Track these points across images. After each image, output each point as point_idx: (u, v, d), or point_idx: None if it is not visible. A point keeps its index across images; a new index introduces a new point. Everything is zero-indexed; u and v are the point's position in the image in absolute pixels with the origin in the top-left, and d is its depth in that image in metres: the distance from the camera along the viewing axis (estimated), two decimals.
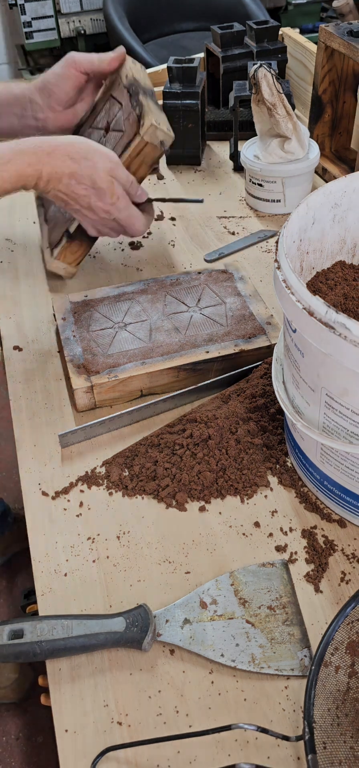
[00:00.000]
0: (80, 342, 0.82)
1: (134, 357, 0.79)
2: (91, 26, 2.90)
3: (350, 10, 2.45)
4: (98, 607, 0.59)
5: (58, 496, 0.69)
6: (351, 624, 0.52)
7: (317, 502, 0.66)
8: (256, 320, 0.84)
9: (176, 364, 0.78)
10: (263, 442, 0.72)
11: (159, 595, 0.59)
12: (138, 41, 2.55)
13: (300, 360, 0.59)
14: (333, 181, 0.69)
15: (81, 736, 0.51)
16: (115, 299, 0.88)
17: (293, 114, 1.05)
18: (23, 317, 0.92)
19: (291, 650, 0.55)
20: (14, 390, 0.81)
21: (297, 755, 0.49)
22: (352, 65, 1.15)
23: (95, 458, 0.72)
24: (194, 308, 0.86)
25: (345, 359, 0.52)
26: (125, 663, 0.55)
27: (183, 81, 1.20)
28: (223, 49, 1.33)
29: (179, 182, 1.22)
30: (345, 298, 0.67)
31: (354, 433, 0.56)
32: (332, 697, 0.49)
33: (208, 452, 0.69)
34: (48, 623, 0.54)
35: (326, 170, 1.18)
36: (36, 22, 2.84)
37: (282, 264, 0.58)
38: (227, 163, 1.27)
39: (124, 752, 0.50)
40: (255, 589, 0.59)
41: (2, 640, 0.54)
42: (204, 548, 0.63)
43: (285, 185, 1.08)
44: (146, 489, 0.68)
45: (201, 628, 0.56)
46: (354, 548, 0.63)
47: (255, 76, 1.02)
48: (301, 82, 1.39)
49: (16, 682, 1.42)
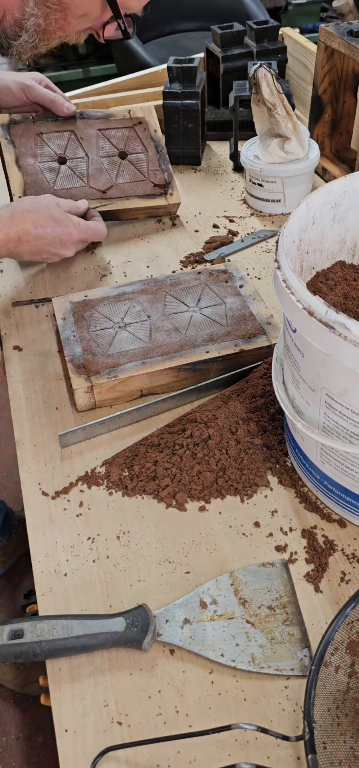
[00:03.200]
0: (80, 342, 0.82)
1: (134, 357, 0.79)
2: None
3: (350, 10, 2.46)
4: (98, 607, 0.59)
5: (58, 496, 0.69)
6: (351, 624, 0.52)
7: (317, 502, 0.66)
8: (256, 320, 0.84)
9: (176, 364, 0.78)
10: (263, 442, 0.72)
11: (159, 595, 0.59)
12: (138, 41, 2.55)
13: (300, 360, 0.59)
14: (333, 181, 0.69)
15: (81, 736, 0.51)
16: (115, 299, 0.88)
17: (293, 114, 1.05)
18: (23, 317, 0.92)
19: (291, 650, 0.55)
20: (14, 390, 0.81)
21: (297, 755, 0.49)
22: (352, 65, 1.15)
23: (95, 458, 0.72)
24: (194, 308, 0.86)
25: (345, 359, 0.52)
26: (125, 663, 0.55)
27: (183, 81, 1.20)
28: (223, 49, 1.33)
29: (179, 182, 1.22)
30: (345, 298, 0.67)
31: (354, 433, 0.56)
32: (332, 697, 0.49)
33: (208, 452, 0.69)
34: (48, 623, 0.54)
35: (326, 170, 1.18)
36: None
37: (282, 264, 0.58)
38: (227, 163, 1.27)
39: (124, 752, 0.50)
40: (255, 589, 0.59)
41: (2, 640, 0.54)
42: (204, 548, 0.63)
43: (285, 185, 1.08)
44: (146, 489, 0.68)
45: (201, 628, 0.56)
46: (354, 548, 0.63)
47: (255, 76, 1.02)
48: (301, 82, 1.39)
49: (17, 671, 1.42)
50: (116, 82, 1.42)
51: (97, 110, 1.10)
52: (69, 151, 1.05)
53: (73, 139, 1.06)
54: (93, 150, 1.06)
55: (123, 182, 1.05)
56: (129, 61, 2.50)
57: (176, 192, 1.06)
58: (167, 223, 1.10)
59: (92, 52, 3.02)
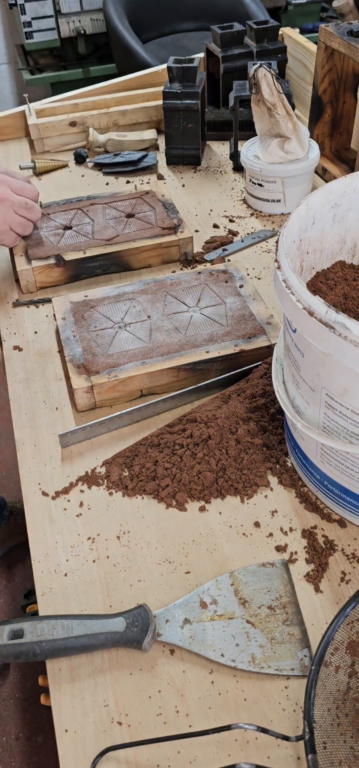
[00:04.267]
0: (80, 342, 0.82)
1: (134, 357, 0.79)
2: (91, 26, 2.90)
3: (350, 10, 2.46)
4: (98, 607, 0.59)
5: (58, 496, 0.69)
6: (351, 624, 0.52)
7: (317, 502, 0.66)
8: (256, 320, 0.84)
9: (176, 364, 0.78)
10: (263, 442, 0.72)
11: (159, 595, 0.59)
12: (138, 41, 2.55)
13: (300, 360, 0.59)
14: (333, 181, 0.69)
15: (81, 736, 0.51)
16: (115, 299, 0.88)
17: (293, 114, 1.05)
18: (23, 317, 0.92)
19: (291, 650, 0.55)
20: (14, 390, 0.81)
21: (297, 755, 0.49)
22: (352, 65, 1.15)
23: (95, 458, 0.72)
24: (194, 308, 0.86)
25: (345, 359, 0.52)
26: (125, 663, 0.55)
27: (183, 81, 1.20)
28: (223, 49, 1.33)
29: (179, 182, 1.22)
30: (345, 298, 0.67)
31: (354, 433, 0.56)
32: (332, 697, 0.49)
33: (208, 452, 0.69)
34: (48, 623, 0.54)
35: (326, 170, 1.18)
36: (36, 22, 2.84)
37: (282, 264, 0.58)
38: (227, 163, 1.27)
39: (124, 752, 0.50)
40: (255, 589, 0.59)
41: (2, 640, 0.54)
42: (204, 548, 0.63)
43: (285, 185, 1.08)
44: (146, 489, 0.68)
45: (201, 628, 0.56)
46: (354, 548, 0.63)
47: (255, 76, 1.02)
48: (301, 82, 1.39)
49: None
50: (116, 82, 1.43)
51: (104, 193, 1.10)
52: (75, 221, 1.03)
53: (80, 213, 1.05)
54: (99, 216, 1.04)
55: (130, 231, 1.01)
56: (129, 61, 2.50)
57: (187, 230, 1.00)
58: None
59: (92, 52, 3.01)
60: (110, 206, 1.06)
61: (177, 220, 1.02)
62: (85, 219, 1.04)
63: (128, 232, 1.01)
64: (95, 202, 1.07)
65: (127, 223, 1.03)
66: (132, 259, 0.99)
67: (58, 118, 1.31)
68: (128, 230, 1.01)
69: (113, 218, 1.04)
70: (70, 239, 1.00)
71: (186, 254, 1.01)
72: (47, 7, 2.83)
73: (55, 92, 2.84)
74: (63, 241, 0.99)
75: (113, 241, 0.99)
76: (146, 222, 1.03)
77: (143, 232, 1.00)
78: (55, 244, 0.99)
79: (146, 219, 1.03)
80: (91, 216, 1.05)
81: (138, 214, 1.05)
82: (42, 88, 3.14)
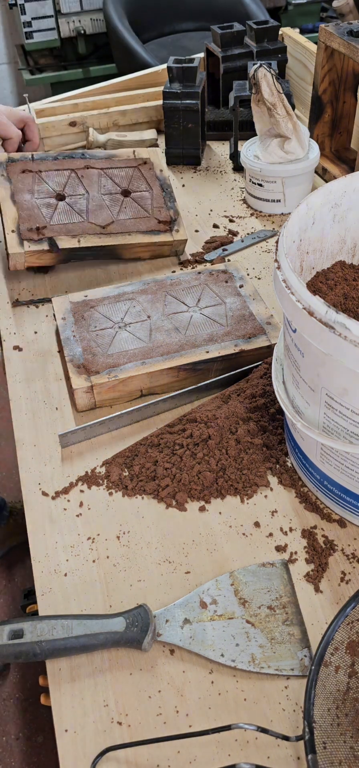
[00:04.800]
0: (80, 342, 0.82)
1: (134, 357, 0.79)
2: (91, 26, 2.90)
3: (350, 10, 2.46)
4: (98, 607, 0.59)
5: (58, 496, 0.69)
6: (351, 624, 0.52)
7: (317, 502, 0.66)
8: (256, 320, 0.84)
9: (176, 364, 0.78)
10: (263, 442, 0.72)
11: (159, 595, 0.59)
12: (138, 41, 2.55)
13: (300, 360, 0.59)
14: (333, 181, 0.69)
15: (81, 736, 0.51)
16: (115, 299, 0.88)
17: (293, 114, 1.05)
18: (23, 317, 0.92)
19: (291, 650, 0.55)
20: (14, 390, 0.81)
21: (297, 755, 0.49)
22: (352, 65, 1.15)
23: (95, 458, 0.72)
24: (194, 308, 0.86)
25: (345, 359, 0.52)
26: (125, 663, 0.55)
27: (183, 81, 1.20)
28: (223, 49, 1.33)
29: (179, 182, 1.22)
30: (345, 298, 0.67)
31: (354, 433, 0.56)
32: (332, 697, 0.49)
33: (208, 452, 0.69)
34: (48, 623, 0.54)
35: (326, 170, 1.18)
36: (36, 22, 2.84)
37: (282, 264, 0.58)
38: (227, 163, 1.27)
39: (124, 752, 0.50)
40: (255, 589, 0.59)
41: (2, 640, 0.54)
42: (204, 548, 0.63)
43: (285, 185, 1.08)
44: (146, 489, 0.68)
45: (201, 628, 0.56)
46: (354, 548, 0.63)
47: (255, 76, 1.02)
48: (301, 82, 1.39)
49: None
50: (116, 82, 1.42)
51: (100, 150, 1.07)
52: (68, 189, 1.01)
53: (74, 177, 1.02)
54: (94, 188, 1.02)
55: (125, 218, 1.00)
56: (129, 61, 2.50)
57: (182, 229, 1.00)
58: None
59: (92, 52, 3.01)
60: (106, 174, 1.03)
61: (174, 212, 1.01)
62: (80, 189, 1.01)
63: (124, 219, 1.00)
64: (90, 165, 1.04)
65: (122, 204, 1.01)
66: (125, 251, 1.00)
67: (58, 118, 1.31)
68: (123, 216, 1.00)
69: (108, 193, 1.02)
70: (64, 215, 0.98)
71: (177, 252, 1.02)
72: (47, 7, 2.83)
73: (55, 92, 2.84)
74: (56, 217, 0.98)
75: (107, 229, 0.98)
76: (141, 207, 1.01)
77: (139, 223, 0.99)
78: (48, 219, 0.97)
79: (142, 202, 1.02)
80: (85, 185, 1.02)
81: (134, 193, 1.02)
82: (42, 88, 3.14)
